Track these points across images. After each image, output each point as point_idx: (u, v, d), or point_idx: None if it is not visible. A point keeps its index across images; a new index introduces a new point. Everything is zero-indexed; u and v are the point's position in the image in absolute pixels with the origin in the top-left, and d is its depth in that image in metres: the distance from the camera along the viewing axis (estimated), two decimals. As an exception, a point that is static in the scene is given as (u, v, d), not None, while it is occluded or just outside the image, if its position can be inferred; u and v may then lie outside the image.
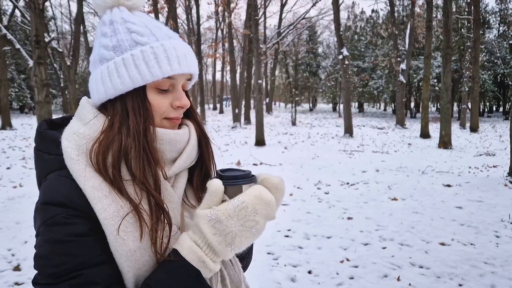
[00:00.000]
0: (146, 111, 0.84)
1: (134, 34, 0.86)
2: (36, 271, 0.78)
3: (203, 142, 0.99)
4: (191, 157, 0.94)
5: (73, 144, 0.82)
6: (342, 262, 4.24)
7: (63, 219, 0.75)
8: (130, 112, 0.84)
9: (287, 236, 5.02)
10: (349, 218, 5.77)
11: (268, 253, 4.44)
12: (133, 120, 0.83)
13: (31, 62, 10.39)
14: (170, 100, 0.89)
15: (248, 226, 0.78)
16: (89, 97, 0.95)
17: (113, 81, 0.84)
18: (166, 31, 0.90)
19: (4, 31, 11.53)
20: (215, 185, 0.80)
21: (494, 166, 10.46)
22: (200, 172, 1.00)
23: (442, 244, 4.77)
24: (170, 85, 0.88)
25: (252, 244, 1.06)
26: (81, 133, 0.83)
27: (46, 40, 10.34)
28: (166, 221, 0.83)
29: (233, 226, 0.77)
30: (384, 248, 4.64)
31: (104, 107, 0.89)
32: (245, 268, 1.06)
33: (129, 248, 0.78)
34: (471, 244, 4.77)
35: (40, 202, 0.78)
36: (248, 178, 0.82)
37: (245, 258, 1.05)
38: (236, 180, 0.81)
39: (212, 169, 1.02)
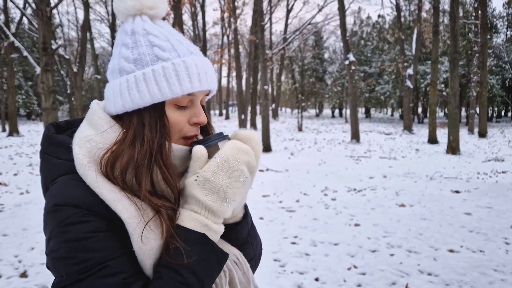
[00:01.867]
0: (164, 128, 0.85)
1: (156, 48, 0.86)
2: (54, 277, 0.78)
3: None
4: None
5: (85, 150, 0.82)
6: (349, 269, 4.19)
7: (79, 218, 0.75)
8: (146, 127, 0.84)
9: (293, 243, 4.98)
10: (356, 225, 5.73)
11: (275, 260, 4.41)
12: (148, 135, 0.83)
13: (38, 69, 10.46)
14: (188, 116, 0.89)
15: (235, 177, 0.82)
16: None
17: (132, 96, 0.84)
18: (187, 46, 0.90)
19: (12, 38, 11.62)
20: (199, 152, 0.83)
21: (503, 172, 10.36)
22: None
23: (451, 251, 4.71)
24: (189, 102, 0.89)
25: (260, 242, 1.08)
26: (94, 141, 0.83)
27: (53, 47, 10.42)
28: None
29: (221, 180, 0.81)
30: (392, 255, 4.59)
31: (118, 117, 0.88)
32: (254, 267, 1.05)
33: (151, 245, 0.80)
34: (480, 251, 4.71)
35: (52, 204, 0.78)
36: (221, 136, 0.88)
37: (252, 258, 1.04)
38: (211, 140, 0.86)
39: None
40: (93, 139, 0.84)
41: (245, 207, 0.99)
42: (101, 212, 0.78)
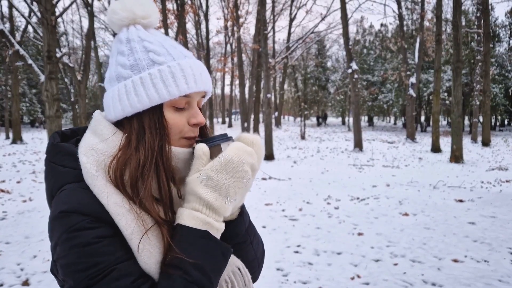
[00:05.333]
0: (163, 129, 0.86)
1: (151, 53, 0.88)
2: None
3: None
4: None
5: (92, 159, 0.83)
6: (352, 278, 4.16)
7: (88, 224, 0.76)
8: (146, 130, 0.85)
9: (296, 252, 4.96)
10: (359, 234, 5.69)
11: (278, 269, 4.38)
12: (149, 137, 0.84)
13: (42, 77, 10.51)
14: (186, 118, 0.90)
15: (239, 177, 0.83)
16: (101, 111, 0.96)
17: (131, 99, 0.86)
18: (181, 50, 0.93)
19: (17, 46, 11.70)
20: (201, 149, 0.85)
21: (507, 181, 10.31)
22: None
23: (455, 261, 4.67)
24: (186, 103, 0.90)
25: (262, 242, 1.08)
26: (99, 149, 0.84)
27: (58, 55, 10.47)
28: None
29: (224, 179, 0.82)
30: (395, 264, 4.56)
31: (119, 124, 0.90)
32: (258, 269, 1.06)
33: (156, 259, 0.80)
34: (485, 261, 4.67)
35: (59, 210, 0.78)
36: (224, 137, 0.89)
37: (255, 258, 1.03)
38: (214, 140, 0.87)
39: None
40: (98, 147, 0.84)
41: (242, 206, 1.00)
42: (108, 220, 0.78)
